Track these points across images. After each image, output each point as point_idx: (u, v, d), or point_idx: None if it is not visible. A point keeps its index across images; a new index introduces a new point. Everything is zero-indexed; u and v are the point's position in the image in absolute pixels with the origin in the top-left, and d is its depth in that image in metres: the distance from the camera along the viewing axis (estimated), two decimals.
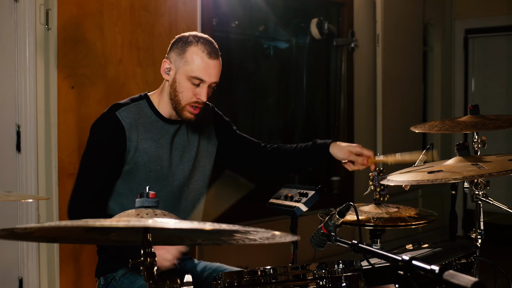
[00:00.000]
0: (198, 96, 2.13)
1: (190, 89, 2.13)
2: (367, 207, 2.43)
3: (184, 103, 2.14)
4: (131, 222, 0.98)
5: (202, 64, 2.10)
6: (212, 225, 1.04)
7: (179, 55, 2.14)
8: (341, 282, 1.48)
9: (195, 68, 2.10)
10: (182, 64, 2.12)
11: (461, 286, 0.96)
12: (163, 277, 1.15)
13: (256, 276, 1.49)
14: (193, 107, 2.15)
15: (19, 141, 3.15)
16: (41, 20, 3.17)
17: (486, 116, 2.35)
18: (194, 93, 2.13)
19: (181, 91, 2.14)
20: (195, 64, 2.11)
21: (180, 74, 2.13)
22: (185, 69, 2.12)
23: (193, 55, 2.11)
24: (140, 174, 2.17)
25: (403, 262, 1.16)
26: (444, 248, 1.83)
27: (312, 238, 1.73)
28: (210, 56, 2.12)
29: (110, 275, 2.25)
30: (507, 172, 1.77)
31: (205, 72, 2.11)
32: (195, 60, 2.11)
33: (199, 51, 2.11)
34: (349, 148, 2.28)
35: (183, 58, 2.12)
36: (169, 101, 2.19)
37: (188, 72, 2.11)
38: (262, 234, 1.09)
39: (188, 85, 2.12)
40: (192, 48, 2.12)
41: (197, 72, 2.10)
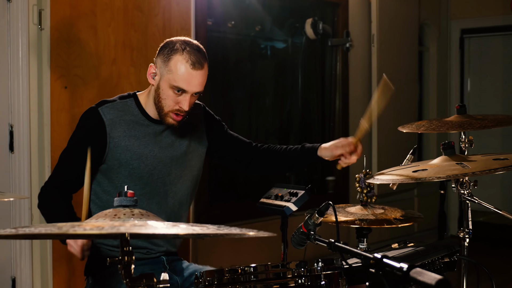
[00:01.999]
0: (180, 104, 2.13)
1: (172, 97, 2.13)
2: (353, 208, 2.44)
3: (166, 110, 2.16)
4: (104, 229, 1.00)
5: (185, 74, 2.10)
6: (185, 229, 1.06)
7: (163, 62, 2.14)
8: (320, 280, 1.49)
9: (177, 78, 2.10)
10: (166, 71, 2.12)
11: (427, 283, 0.98)
12: (139, 276, 1.16)
13: (236, 274, 1.50)
14: (176, 114, 2.16)
15: (12, 141, 3.17)
16: (34, 21, 3.18)
17: (473, 116, 2.36)
18: (176, 101, 2.14)
19: (164, 98, 2.15)
20: (177, 74, 2.10)
21: (164, 81, 2.13)
22: (168, 77, 2.12)
23: (177, 64, 2.10)
24: (123, 172, 2.19)
25: (374, 260, 1.18)
26: (426, 247, 1.85)
27: (293, 237, 1.74)
28: (193, 67, 2.11)
29: (99, 273, 2.27)
30: (491, 171, 1.79)
31: (187, 83, 2.11)
32: (178, 69, 2.10)
33: (183, 61, 2.10)
34: (334, 144, 2.33)
35: (167, 66, 2.12)
36: (153, 105, 2.21)
37: (171, 81, 2.11)
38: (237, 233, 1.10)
39: (171, 93, 2.13)
40: (177, 56, 2.11)
41: (179, 82, 2.10)
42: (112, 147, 2.17)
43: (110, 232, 1.01)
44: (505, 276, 4.92)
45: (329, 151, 2.34)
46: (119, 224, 1.06)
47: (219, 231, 1.08)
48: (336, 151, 2.31)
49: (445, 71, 6.66)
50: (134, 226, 1.04)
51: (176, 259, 2.38)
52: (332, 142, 2.36)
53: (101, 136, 2.17)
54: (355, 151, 2.30)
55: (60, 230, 1.02)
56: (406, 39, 5.84)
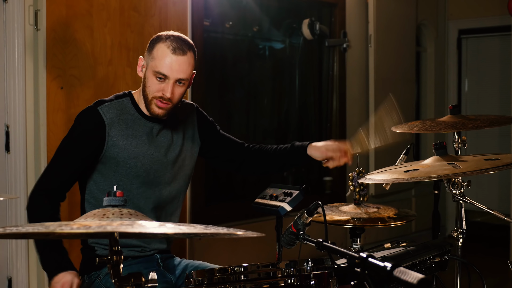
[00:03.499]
0: (163, 91, 2.15)
1: (155, 84, 2.16)
2: (347, 207, 2.45)
3: (150, 96, 2.18)
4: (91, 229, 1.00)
5: (166, 59, 2.13)
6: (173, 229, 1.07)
7: (148, 52, 2.19)
8: (310, 280, 1.50)
9: (158, 63, 2.13)
10: (150, 60, 2.17)
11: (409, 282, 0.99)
12: (128, 275, 1.17)
13: (226, 274, 1.51)
14: (160, 101, 2.16)
15: (8, 141, 3.17)
16: (30, 21, 3.19)
17: (466, 116, 2.37)
18: (159, 88, 2.16)
19: (148, 86, 2.18)
20: (159, 59, 2.14)
21: (148, 70, 2.17)
22: (151, 65, 2.16)
23: (158, 51, 2.14)
24: (120, 171, 2.20)
25: (359, 259, 1.19)
26: (417, 247, 1.85)
27: (282, 237, 1.75)
28: (174, 52, 2.13)
29: (94, 273, 2.28)
30: (481, 171, 1.80)
31: (168, 68, 2.13)
32: (160, 55, 2.14)
33: (164, 47, 2.14)
34: (325, 146, 2.33)
35: (151, 54, 2.17)
36: (142, 97, 2.23)
37: (153, 67, 2.15)
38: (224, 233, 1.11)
39: (154, 80, 2.15)
40: (159, 44, 2.15)
41: (160, 67, 2.13)
42: (110, 146, 2.18)
43: (97, 231, 1.01)
44: (502, 276, 4.93)
45: (319, 152, 2.35)
46: (107, 223, 1.06)
47: (206, 230, 1.09)
48: (327, 154, 2.33)
49: (442, 72, 6.67)
50: (121, 226, 1.04)
51: (169, 256, 2.40)
52: (324, 143, 2.36)
53: (101, 135, 2.18)
54: (345, 157, 2.32)
55: (47, 229, 1.02)
56: (403, 40, 5.85)
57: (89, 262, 2.29)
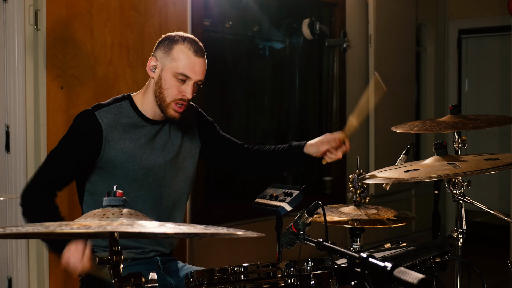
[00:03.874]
0: (183, 93, 2.15)
1: (175, 86, 2.15)
2: (347, 208, 2.45)
3: (169, 100, 2.16)
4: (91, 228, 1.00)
5: (189, 61, 2.14)
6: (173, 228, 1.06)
7: (165, 52, 2.17)
8: (310, 280, 1.50)
9: (181, 65, 2.13)
10: (168, 61, 2.15)
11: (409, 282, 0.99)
12: (128, 275, 1.17)
13: (226, 274, 1.51)
14: (178, 105, 2.16)
15: (8, 141, 3.17)
16: (30, 21, 3.19)
17: (466, 116, 2.37)
18: (179, 90, 2.15)
19: (166, 88, 2.16)
20: (181, 61, 2.14)
21: (166, 71, 2.16)
22: (171, 66, 2.15)
23: (180, 53, 2.14)
24: (117, 174, 2.19)
25: (360, 259, 1.18)
26: (417, 247, 1.85)
27: (283, 237, 1.75)
28: (196, 54, 2.16)
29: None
30: (482, 171, 1.79)
31: (191, 69, 2.14)
32: (181, 57, 2.14)
33: (185, 49, 2.15)
34: (320, 140, 2.34)
35: (170, 55, 2.15)
36: (154, 99, 2.21)
37: (174, 69, 2.14)
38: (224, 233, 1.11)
39: (174, 82, 2.15)
40: (179, 46, 2.15)
41: (183, 69, 2.13)
42: (106, 150, 2.16)
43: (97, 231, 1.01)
44: (502, 276, 4.93)
45: (315, 147, 2.34)
46: (107, 223, 1.06)
47: (206, 230, 1.09)
48: (322, 147, 2.32)
49: (442, 71, 6.67)
50: (121, 225, 1.04)
51: (171, 259, 2.38)
52: (318, 138, 2.36)
53: (97, 140, 2.16)
54: (341, 147, 2.31)
55: (47, 229, 1.02)
56: (403, 40, 5.85)
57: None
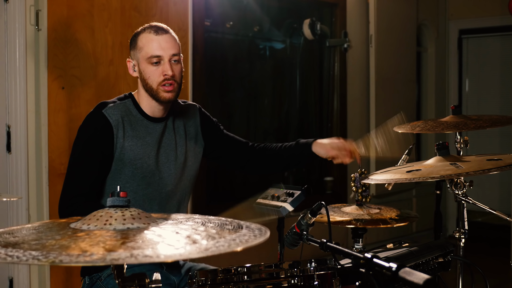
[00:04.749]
0: (163, 73, 2.18)
1: (154, 71, 2.18)
2: (349, 208, 2.45)
3: (155, 85, 2.19)
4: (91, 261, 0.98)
5: (152, 42, 2.18)
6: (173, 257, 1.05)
7: (133, 48, 2.23)
8: (313, 281, 1.50)
9: (148, 49, 2.17)
10: (137, 53, 2.21)
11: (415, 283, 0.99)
12: (131, 276, 1.17)
13: (229, 274, 1.51)
14: (166, 85, 2.19)
15: (9, 142, 3.17)
16: (31, 21, 3.19)
17: (468, 116, 2.37)
18: (159, 72, 2.18)
19: (148, 77, 2.19)
20: (146, 45, 2.18)
21: (141, 63, 2.20)
22: (141, 55, 2.19)
23: (142, 40, 2.20)
24: (126, 172, 2.19)
25: (364, 260, 1.18)
26: (420, 247, 1.85)
27: (286, 237, 1.74)
28: (157, 33, 2.19)
29: (96, 274, 2.26)
30: (484, 171, 1.79)
31: (157, 48, 2.17)
32: (145, 42, 2.19)
33: (146, 34, 2.20)
34: (330, 144, 2.33)
35: (136, 47, 2.21)
36: (146, 94, 2.23)
37: (144, 55, 2.18)
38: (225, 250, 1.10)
39: (151, 68, 2.18)
40: (140, 35, 2.22)
41: (150, 51, 2.17)
42: (118, 147, 2.17)
43: (100, 264, 0.99)
44: (503, 276, 4.93)
45: (324, 150, 2.35)
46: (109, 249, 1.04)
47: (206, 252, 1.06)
48: (331, 152, 2.33)
49: (443, 72, 6.67)
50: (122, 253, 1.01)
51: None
52: (329, 141, 2.36)
53: (110, 137, 2.16)
54: (349, 156, 2.31)
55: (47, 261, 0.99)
56: (404, 40, 5.85)
57: None
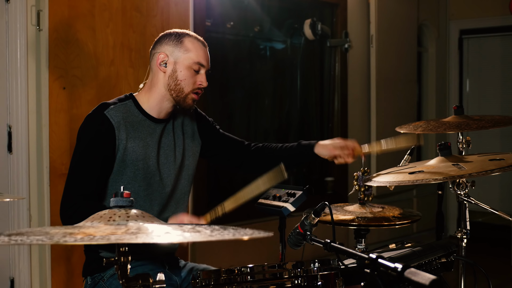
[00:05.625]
0: (199, 82, 2.23)
1: (191, 76, 2.22)
2: (352, 207, 2.44)
3: (187, 90, 2.22)
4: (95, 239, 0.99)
5: (201, 51, 2.23)
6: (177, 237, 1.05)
7: (176, 46, 2.22)
8: (316, 281, 1.49)
9: (196, 54, 2.21)
10: (182, 53, 2.21)
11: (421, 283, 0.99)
12: (135, 276, 1.16)
13: (233, 274, 1.51)
14: (196, 94, 2.24)
15: (10, 142, 3.17)
16: (32, 21, 3.19)
17: (470, 117, 2.36)
18: (195, 80, 2.23)
19: (183, 79, 2.21)
20: (195, 51, 2.21)
21: (180, 63, 2.21)
22: (186, 57, 2.21)
23: (191, 44, 2.22)
24: (128, 173, 2.19)
25: (369, 260, 1.18)
26: (423, 247, 1.85)
27: (289, 238, 1.74)
28: (204, 45, 2.27)
29: (98, 275, 2.26)
30: (487, 172, 1.79)
31: (204, 58, 2.24)
32: (194, 47, 2.22)
33: (194, 40, 2.24)
34: (332, 144, 2.34)
35: (182, 47, 2.21)
36: (167, 94, 2.23)
37: (190, 59, 2.21)
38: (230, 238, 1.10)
39: (190, 73, 2.21)
40: (188, 38, 2.23)
41: (198, 58, 2.21)
42: (120, 149, 2.17)
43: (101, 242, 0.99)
44: (504, 276, 4.93)
45: (326, 151, 2.35)
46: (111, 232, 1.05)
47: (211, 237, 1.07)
48: (334, 152, 2.33)
49: (444, 72, 6.66)
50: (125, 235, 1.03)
51: (174, 259, 2.39)
52: (331, 141, 2.36)
53: (112, 138, 2.15)
54: (352, 156, 2.32)
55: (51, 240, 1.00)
56: (405, 40, 5.85)
57: (92, 263, 2.28)
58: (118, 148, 2.16)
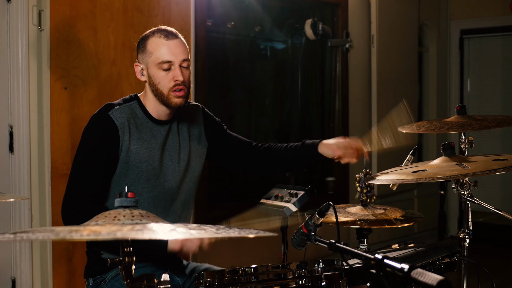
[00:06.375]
0: (174, 78, 2.17)
1: (164, 76, 2.17)
2: (354, 208, 2.44)
3: (166, 91, 2.18)
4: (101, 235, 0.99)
5: (163, 47, 2.17)
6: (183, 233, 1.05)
7: (142, 52, 2.22)
8: (321, 281, 1.49)
9: (158, 54, 2.16)
10: (147, 57, 2.19)
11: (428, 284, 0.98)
12: (140, 276, 1.16)
13: (237, 275, 1.50)
14: (176, 91, 2.18)
15: (11, 142, 3.16)
16: (33, 21, 3.18)
17: (473, 117, 2.36)
18: (169, 78, 2.18)
19: (158, 82, 2.18)
20: (156, 50, 2.17)
21: (150, 67, 2.19)
22: (151, 60, 2.18)
23: (152, 44, 2.18)
24: (131, 175, 2.18)
25: (375, 260, 1.17)
26: (427, 247, 1.84)
27: (293, 238, 1.74)
28: (167, 38, 2.18)
29: (99, 276, 2.25)
30: (490, 171, 1.78)
31: (168, 53, 2.17)
32: (155, 47, 2.17)
33: (156, 39, 2.19)
34: (336, 144, 2.31)
35: (146, 51, 2.20)
36: (154, 99, 2.22)
37: (155, 60, 2.17)
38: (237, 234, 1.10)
39: (161, 73, 2.17)
40: (150, 39, 2.20)
41: (161, 56, 2.16)
42: (123, 150, 2.16)
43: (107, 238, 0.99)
44: (505, 277, 4.92)
45: (330, 150, 2.33)
46: (117, 228, 1.05)
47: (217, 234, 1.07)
48: (338, 151, 2.31)
49: (444, 72, 6.66)
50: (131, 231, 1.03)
51: (176, 259, 2.38)
52: (335, 141, 2.34)
53: (115, 139, 2.15)
54: (357, 156, 2.30)
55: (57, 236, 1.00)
56: (405, 40, 5.84)
57: (94, 265, 2.27)
58: (121, 149, 2.16)
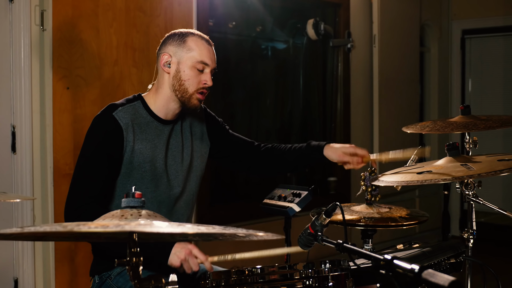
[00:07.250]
0: (204, 81, 2.20)
1: (195, 76, 2.19)
2: (359, 207, 2.44)
3: (192, 90, 2.19)
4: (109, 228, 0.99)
5: (205, 49, 2.19)
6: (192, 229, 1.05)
7: (179, 45, 2.20)
8: (327, 282, 1.49)
9: (199, 53, 2.18)
10: (185, 52, 2.18)
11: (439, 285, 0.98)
12: (148, 277, 1.16)
13: (243, 275, 1.50)
14: (201, 94, 2.21)
15: (14, 142, 3.16)
16: (36, 21, 3.18)
17: (477, 117, 2.35)
18: (199, 79, 2.19)
19: (187, 79, 2.19)
20: (199, 49, 2.18)
21: (184, 63, 2.19)
22: (189, 57, 2.18)
23: (194, 42, 2.19)
24: (135, 175, 2.18)
25: (385, 261, 1.17)
26: (433, 248, 1.84)
27: (300, 238, 1.74)
28: (208, 43, 2.23)
29: (105, 273, 2.25)
30: (496, 172, 1.78)
31: (208, 57, 2.20)
32: (197, 46, 2.19)
33: (199, 39, 2.20)
34: (342, 149, 2.29)
35: (185, 47, 2.19)
36: (170, 94, 2.21)
37: (194, 58, 2.18)
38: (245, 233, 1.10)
39: (194, 72, 2.18)
40: (192, 37, 2.20)
41: (202, 57, 2.18)
42: (127, 151, 2.15)
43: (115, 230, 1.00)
44: (507, 276, 4.92)
45: (336, 155, 2.31)
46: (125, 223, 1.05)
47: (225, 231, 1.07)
48: (343, 158, 2.30)
49: (446, 72, 6.66)
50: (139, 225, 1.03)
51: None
52: (342, 147, 2.32)
53: (120, 140, 2.14)
54: (361, 164, 2.30)
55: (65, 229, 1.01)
56: (407, 40, 5.84)
57: (100, 262, 2.27)
58: (125, 150, 2.15)
